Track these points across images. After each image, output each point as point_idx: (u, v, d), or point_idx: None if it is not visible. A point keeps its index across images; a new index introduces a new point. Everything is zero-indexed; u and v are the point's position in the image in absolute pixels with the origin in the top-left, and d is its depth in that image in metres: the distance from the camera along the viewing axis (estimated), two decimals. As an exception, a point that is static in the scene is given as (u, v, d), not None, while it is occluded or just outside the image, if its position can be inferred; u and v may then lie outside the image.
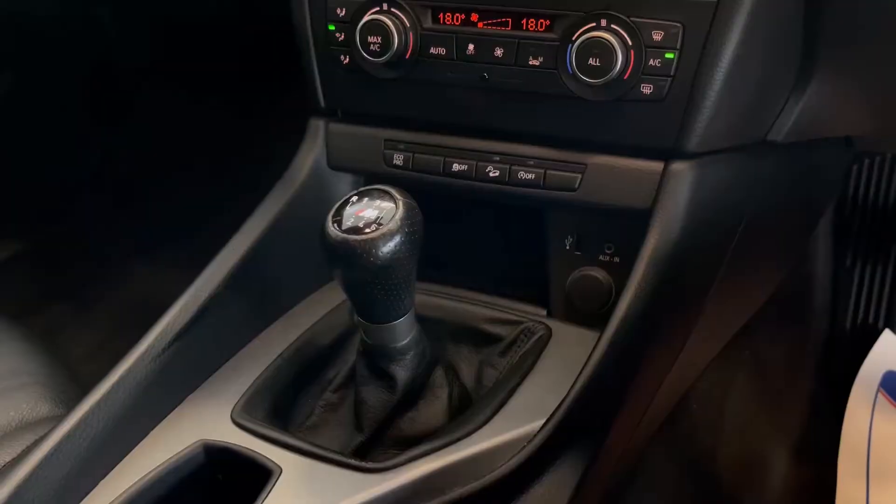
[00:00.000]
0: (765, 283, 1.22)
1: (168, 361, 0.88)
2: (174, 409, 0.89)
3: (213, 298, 0.91)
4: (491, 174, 0.96)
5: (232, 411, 0.87)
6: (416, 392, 0.87)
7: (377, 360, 0.85)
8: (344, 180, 1.06)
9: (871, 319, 1.47)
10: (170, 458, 0.83)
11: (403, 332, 0.83)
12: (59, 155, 1.95)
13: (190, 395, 0.91)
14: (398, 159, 1.00)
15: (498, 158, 0.96)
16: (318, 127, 1.05)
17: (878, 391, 1.36)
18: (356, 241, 0.74)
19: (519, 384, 0.88)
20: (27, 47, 1.69)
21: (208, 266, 0.94)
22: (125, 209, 2.04)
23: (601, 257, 0.98)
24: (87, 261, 1.99)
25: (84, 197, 2.02)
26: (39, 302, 1.88)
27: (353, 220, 0.76)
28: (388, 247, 0.75)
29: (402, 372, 0.85)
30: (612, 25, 0.84)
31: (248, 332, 0.98)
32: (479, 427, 0.83)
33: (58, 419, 0.85)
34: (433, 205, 0.85)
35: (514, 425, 0.83)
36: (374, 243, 0.74)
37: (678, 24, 0.83)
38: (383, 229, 0.75)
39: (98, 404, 0.83)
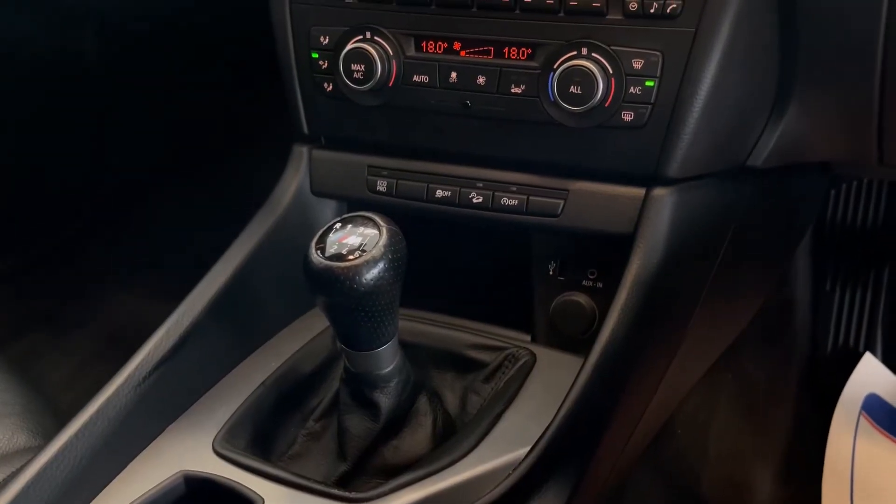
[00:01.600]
0: (746, 307, 1.23)
1: (149, 391, 0.87)
2: (154, 438, 0.88)
3: (195, 326, 0.91)
4: (474, 200, 0.96)
5: (213, 441, 0.86)
6: (399, 420, 0.87)
7: (361, 388, 0.84)
8: (327, 206, 1.06)
9: (851, 342, 1.48)
10: (150, 489, 0.82)
11: (387, 359, 0.82)
12: (36, 181, 1.93)
13: (170, 425, 0.90)
14: (382, 185, 1.01)
15: (481, 185, 0.96)
16: (301, 153, 1.05)
17: (860, 414, 1.37)
18: (339, 268, 0.74)
19: (503, 411, 0.88)
20: (3, 69, 1.68)
21: (190, 293, 0.93)
22: (104, 234, 2.03)
23: (584, 282, 0.98)
24: (65, 286, 1.97)
25: (63, 221, 2.01)
26: (17, 327, 1.86)
27: (336, 246, 0.76)
28: (372, 273, 0.75)
29: (385, 400, 0.84)
30: (593, 54, 0.85)
31: (230, 359, 0.97)
32: (464, 455, 0.83)
33: (35, 450, 0.84)
34: (417, 230, 0.85)
35: (499, 453, 0.83)
36: (357, 270, 0.74)
37: (658, 53, 0.84)
38: (367, 256, 0.75)
39: (76, 435, 0.82)
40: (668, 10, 0.83)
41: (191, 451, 0.86)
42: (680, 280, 0.94)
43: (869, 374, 1.40)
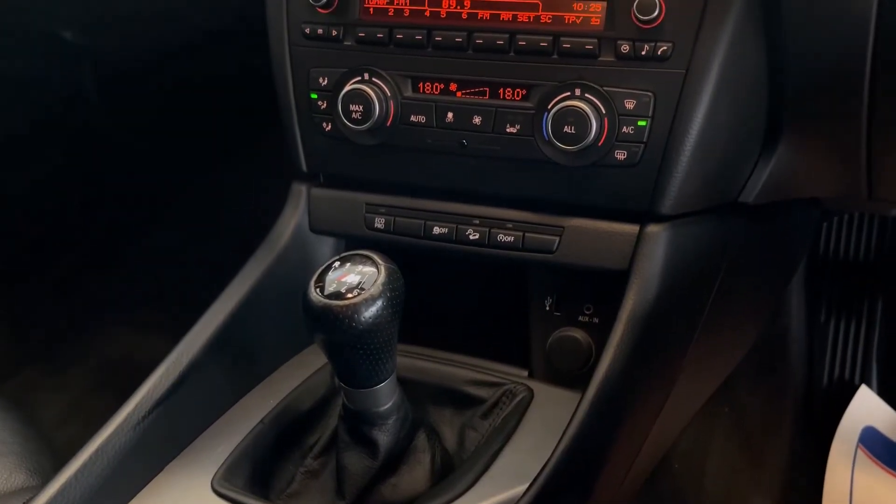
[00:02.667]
0: (741, 340, 1.24)
1: (147, 429, 0.87)
2: (153, 477, 0.88)
3: (194, 364, 0.91)
4: (471, 237, 0.98)
5: (212, 480, 0.86)
6: (398, 457, 0.87)
7: (359, 426, 0.84)
8: (326, 243, 1.07)
9: (847, 375, 1.49)
10: (148, 529, 0.82)
11: (385, 396, 0.83)
12: (34, 212, 1.94)
13: (169, 464, 0.90)
14: (379, 223, 1.02)
15: (477, 221, 0.97)
16: (300, 192, 1.06)
17: (857, 447, 1.37)
18: (338, 306, 0.75)
19: (501, 448, 0.88)
20: (5, 104, 1.70)
21: (190, 331, 0.94)
22: (100, 268, 2.03)
23: (580, 318, 0.99)
24: (60, 321, 1.97)
25: (57, 256, 2.01)
26: (12, 364, 1.85)
27: (335, 285, 0.77)
28: (371, 311, 0.75)
29: (384, 437, 0.84)
30: (586, 94, 0.87)
31: (229, 397, 0.97)
32: (463, 492, 0.83)
33: (34, 490, 0.83)
34: (414, 266, 0.86)
35: (498, 490, 0.83)
36: (356, 308, 0.75)
37: (649, 94, 0.86)
38: (365, 294, 0.76)
39: (76, 475, 0.82)
40: (658, 53, 0.85)
41: (190, 489, 0.86)
42: (675, 315, 0.95)
43: (865, 407, 1.40)
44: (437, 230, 0.99)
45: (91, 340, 1.92)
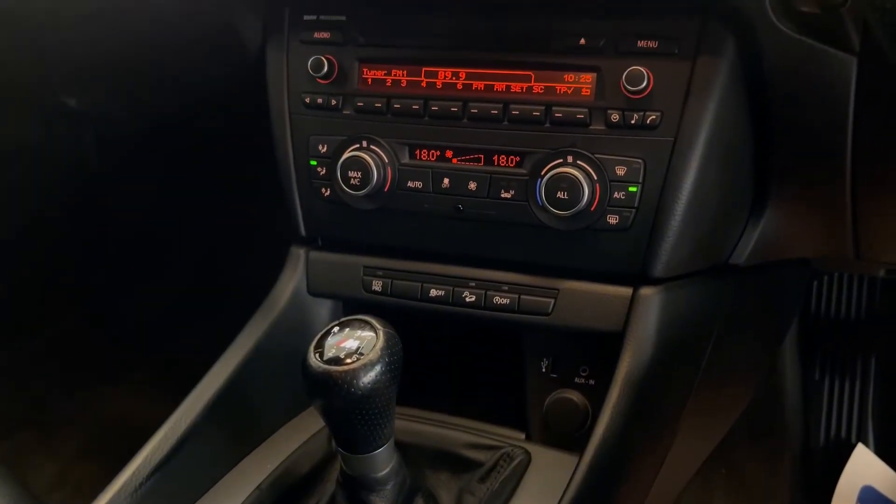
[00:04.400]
0: (736, 400, 1.25)
1: (146, 496, 0.86)
2: (150, 544, 0.87)
3: (194, 429, 0.91)
4: (467, 299, 0.99)
5: (209, 547, 0.86)
6: (396, 523, 0.86)
7: (357, 491, 0.84)
8: (324, 306, 1.08)
9: (843, 433, 1.48)
10: None
11: (383, 462, 0.83)
12: (30, 274, 1.95)
13: (167, 530, 0.89)
14: (377, 285, 1.03)
15: (473, 284, 0.99)
16: (298, 255, 1.08)
17: (856, 506, 1.36)
18: (337, 371, 0.76)
19: (500, 512, 0.88)
20: (4, 166, 1.72)
21: (189, 395, 0.94)
22: (94, 330, 2.03)
23: (577, 380, 1.00)
24: (53, 382, 1.95)
25: (53, 316, 2.01)
26: (4, 426, 1.83)
27: (334, 350, 0.78)
28: (369, 377, 0.76)
29: (382, 503, 0.84)
30: (578, 161, 0.90)
31: (227, 462, 0.97)
32: (462, 558, 0.82)
33: (27, 559, 0.82)
34: (411, 328, 0.87)
35: (497, 556, 0.83)
36: (354, 373, 0.76)
37: (639, 161, 0.89)
38: (364, 360, 0.76)
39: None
40: (647, 122, 0.88)
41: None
42: (670, 376, 0.96)
43: (863, 466, 1.40)
44: (433, 292, 1.00)
45: (84, 403, 1.91)
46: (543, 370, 1.02)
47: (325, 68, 0.98)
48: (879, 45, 0.79)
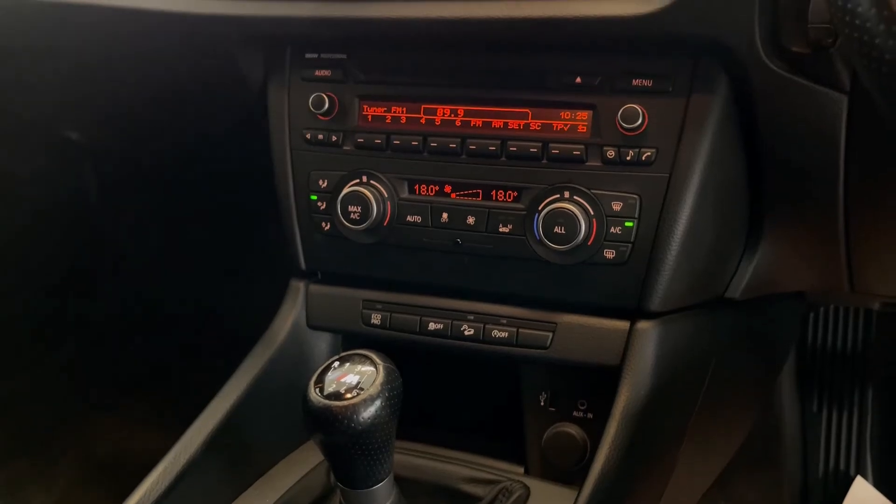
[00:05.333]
0: (735, 433, 1.25)
1: (144, 532, 0.86)
2: (148, 581, 0.87)
3: (193, 463, 0.91)
4: (466, 332, 1.00)
5: (207, 583, 0.85)
6: (394, 559, 0.86)
7: (357, 526, 0.84)
8: (323, 339, 1.09)
9: (842, 465, 1.48)
10: None
11: (383, 497, 0.83)
12: (27, 306, 1.95)
13: (164, 567, 0.89)
14: (376, 319, 1.04)
15: (472, 317, 1.00)
16: (298, 288, 1.09)
17: (855, 540, 1.35)
18: (337, 406, 0.76)
19: (499, 547, 0.88)
20: (4, 198, 1.73)
21: (189, 429, 0.94)
22: (90, 362, 2.02)
23: (575, 413, 1.01)
24: (48, 413, 1.94)
25: (49, 348, 2.01)
26: (2, 457, 1.82)
27: (334, 385, 0.78)
28: (369, 411, 0.76)
29: (381, 539, 0.84)
30: (575, 197, 0.91)
31: (226, 496, 0.97)
32: None
33: None
34: (410, 362, 0.87)
35: (496, 592, 0.82)
36: (354, 408, 0.76)
37: (635, 196, 0.90)
38: (364, 395, 0.77)
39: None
40: (643, 158, 0.89)
41: None
42: (668, 409, 0.96)
43: (862, 499, 1.39)
44: (432, 326, 1.01)
45: (81, 435, 1.90)
46: (542, 404, 1.02)
47: (326, 105, 1.00)
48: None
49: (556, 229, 0.91)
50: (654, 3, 0.82)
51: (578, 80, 0.91)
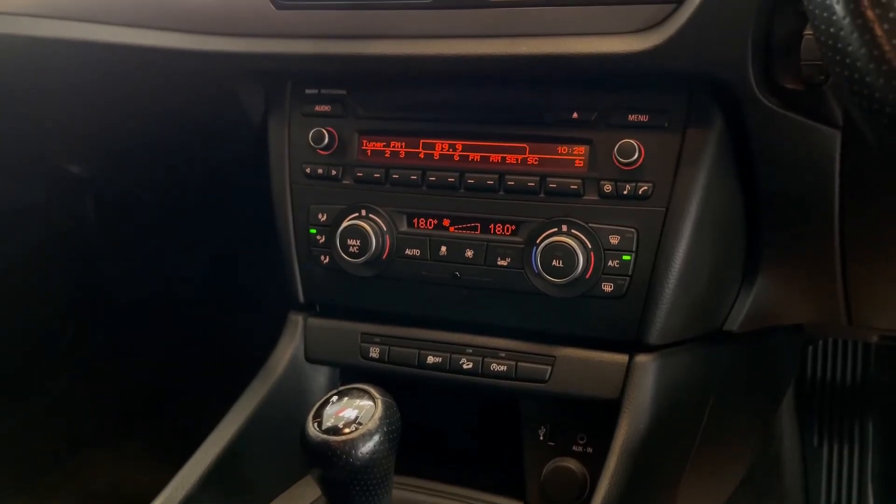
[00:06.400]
0: (735, 466, 1.24)
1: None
2: None
3: (190, 499, 0.91)
4: (464, 366, 0.99)
5: None
6: None
7: (354, 563, 0.83)
8: (321, 373, 1.08)
9: (843, 500, 1.47)
10: None
11: (381, 533, 0.82)
12: (24, 337, 1.94)
13: None
14: (374, 352, 1.04)
15: (471, 351, 1.00)
16: (296, 321, 1.09)
17: (858, 576, 1.34)
18: (336, 441, 0.76)
19: (498, 584, 0.87)
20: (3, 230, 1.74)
21: (186, 464, 0.93)
22: (86, 397, 2.01)
23: (574, 448, 1.00)
24: (42, 449, 1.92)
25: (45, 382, 2.00)
26: (-3, 492, 1.80)
27: (332, 420, 0.78)
28: (368, 446, 0.76)
29: (379, 577, 0.83)
30: (573, 230, 0.92)
31: (222, 533, 0.96)
32: None
33: None
34: (409, 395, 0.87)
35: None
36: (353, 443, 0.76)
37: (632, 230, 0.91)
38: (362, 429, 0.76)
39: None
40: (640, 192, 0.90)
41: None
42: (667, 443, 0.96)
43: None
44: (431, 359, 1.01)
45: (76, 471, 1.88)
46: (541, 438, 1.01)
47: (326, 140, 1.01)
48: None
49: (555, 262, 0.91)
50: (650, 40, 0.83)
51: (575, 115, 0.92)
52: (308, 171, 1.03)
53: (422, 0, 0.91)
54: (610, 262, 0.91)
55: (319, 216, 1.03)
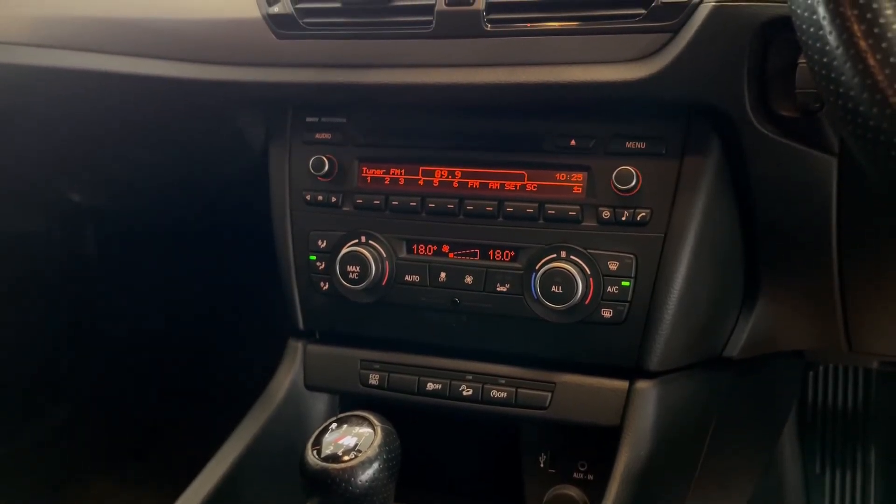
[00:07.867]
0: (737, 493, 1.23)
1: None
2: None
3: (187, 530, 0.90)
4: (464, 393, 0.99)
5: None
6: None
7: None
8: (320, 400, 1.08)
9: (847, 528, 1.46)
10: None
11: (381, 562, 0.81)
12: (23, 366, 1.93)
13: None
14: (374, 379, 1.03)
15: (470, 377, 0.99)
16: (296, 348, 1.08)
17: None
18: (335, 469, 0.75)
19: None
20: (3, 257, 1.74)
21: (185, 492, 0.93)
22: (86, 425, 2.00)
23: (575, 475, 0.99)
24: (43, 477, 1.91)
25: (43, 410, 1.99)
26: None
27: (332, 447, 0.77)
28: (367, 474, 0.76)
29: None
30: (572, 256, 0.92)
31: (220, 563, 0.95)
32: None
33: None
34: (408, 421, 0.87)
35: None
36: (352, 471, 0.75)
37: (631, 256, 0.91)
38: (362, 457, 0.76)
39: None
40: (638, 218, 0.91)
41: None
42: (668, 470, 0.95)
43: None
44: (430, 386, 1.01)
45: (75, 500, 1.86)
46: (541, 465, 1.01)
47: (326, 167, 1.01)
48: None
49: (554, 288, 0.91)
50: (647, 68, 0.84)
51: (573, 142, 0.93)
52: (308, 198, 1.04)
53: (422, 30, 0.92)
54: (609, 288, 0.91)
55: (319, 243, 1.03)
